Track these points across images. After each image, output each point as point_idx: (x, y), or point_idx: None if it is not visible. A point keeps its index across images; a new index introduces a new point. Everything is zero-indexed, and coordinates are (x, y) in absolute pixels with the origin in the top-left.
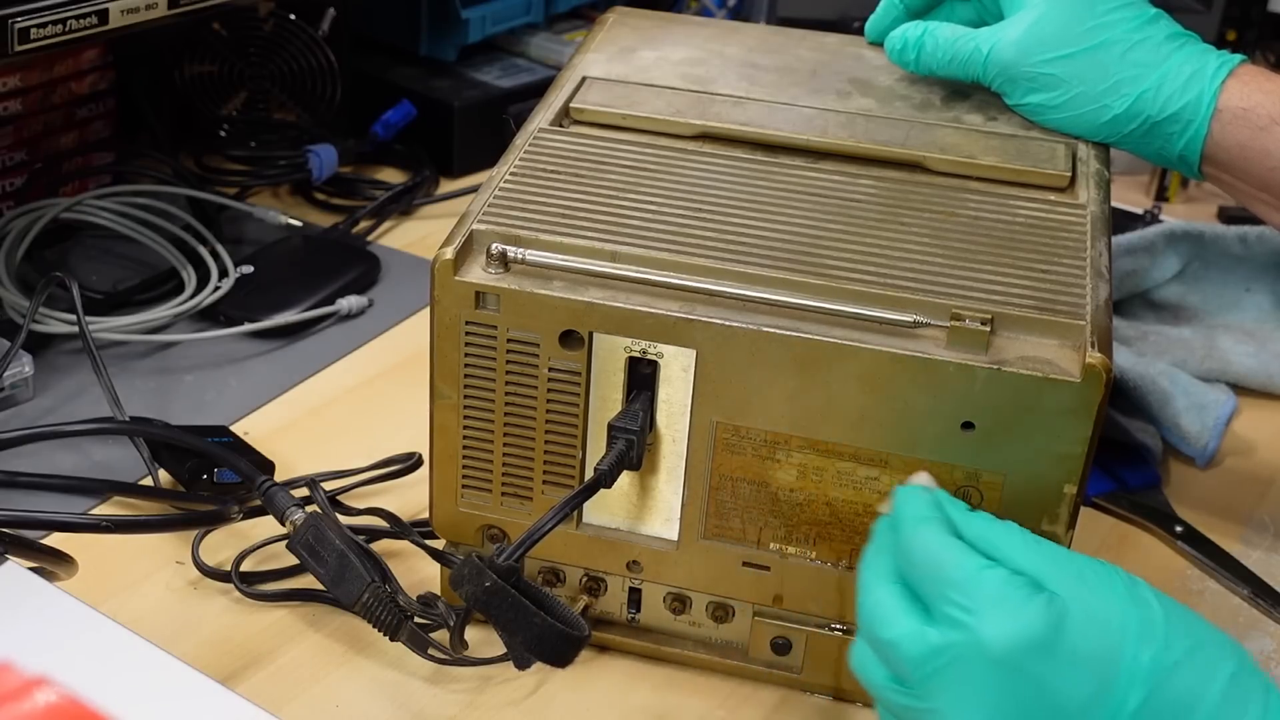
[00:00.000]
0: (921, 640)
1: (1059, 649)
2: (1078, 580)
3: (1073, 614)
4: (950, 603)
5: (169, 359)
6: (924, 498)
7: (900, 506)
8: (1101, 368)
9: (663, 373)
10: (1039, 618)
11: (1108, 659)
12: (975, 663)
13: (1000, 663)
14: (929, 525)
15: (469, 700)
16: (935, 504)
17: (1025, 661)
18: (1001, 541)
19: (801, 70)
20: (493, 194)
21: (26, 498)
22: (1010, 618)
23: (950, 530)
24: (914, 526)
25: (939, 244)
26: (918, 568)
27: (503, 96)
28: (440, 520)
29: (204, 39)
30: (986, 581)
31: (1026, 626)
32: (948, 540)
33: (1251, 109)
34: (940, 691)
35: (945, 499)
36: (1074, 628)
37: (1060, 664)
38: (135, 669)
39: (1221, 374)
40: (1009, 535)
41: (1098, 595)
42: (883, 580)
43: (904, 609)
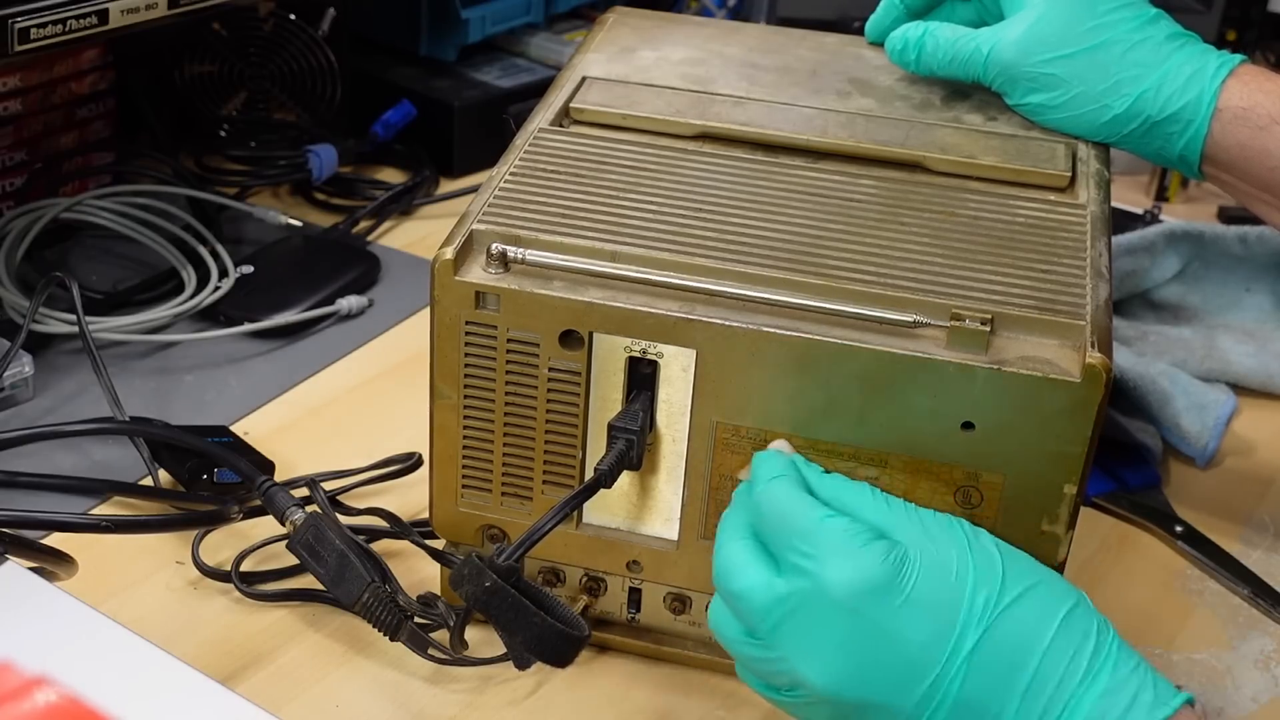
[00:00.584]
0: (769, 589)
1: (898, 593)
2: (920, 530)
3: (912, 560)
4: (795, 551)
5: (169, 359)
6: (779, 459)
7: (756, 468)
8: (1101, 368)
9: (663, 373)
10: (879, 562)
11: (946, 602)
12: (819, 608)
13: (842, 606)
14: (780, 482)
15: (469, 700)
16: (789, 464)
17: (866, 605)
18: (851, 498)
19: (801, 70)
20: (493, 194)
21: (26, 498)
22: (852, 563)
23: (802, 487)
24: (766, 483)
25: (939, 244)
26: (767, 520)
27: (503, 96)
28: (440, 520)
29: (204, 39)
30: (830, 530)
31: (867, 570)
32: (796, 494)
33: (1251, 109)
34: (787, 639)
35: (802, 462)
36: (913, 573)
37: (900, 607)
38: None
39: (1221, 374)
40: (859, 493)
41: (938, 543)
42: (735, 536)
43: (753, 561)
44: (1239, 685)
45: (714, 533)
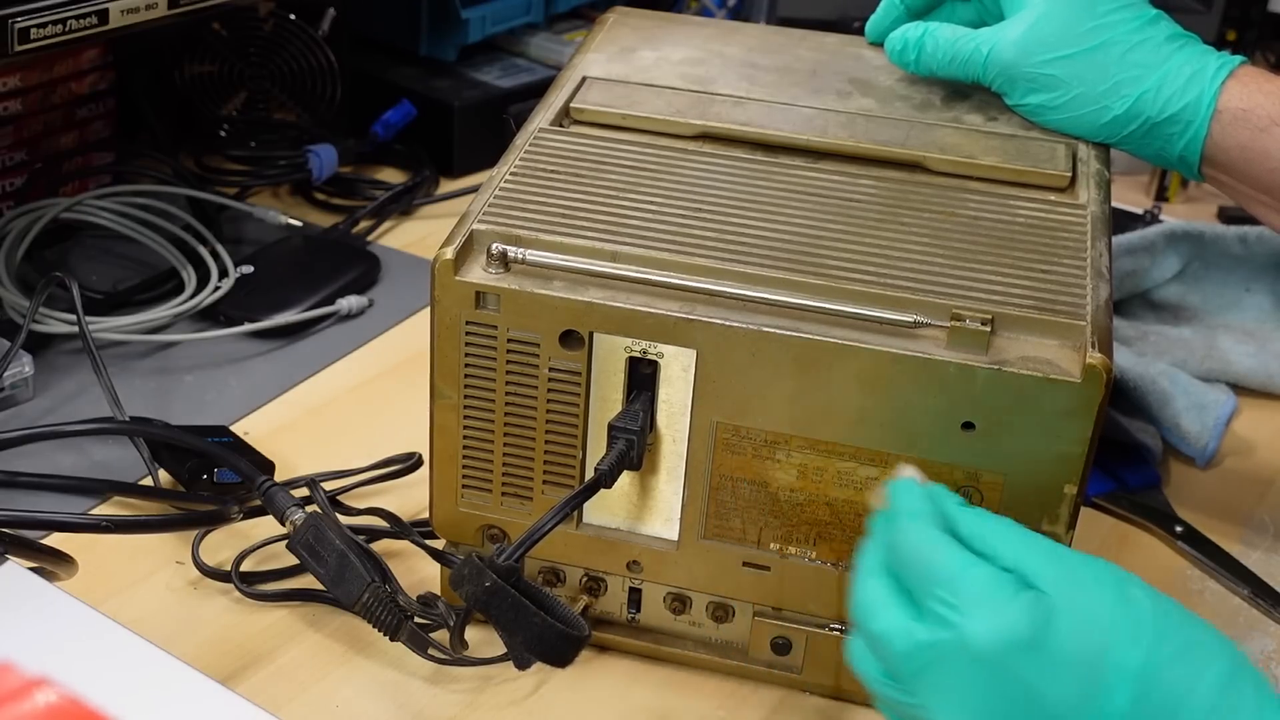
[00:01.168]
0: (909, 635)
1: (1044, 649)
2: (1068, 578)
3: (1059, 613)
4: (937, 599)
5: (169, 359)
6: (916, 491)
7: (894, 500)
8: (1101, 368)
9: (663, 373)
10: (1024, 617)
11: (1094, 659)
12: (960, 661)
13: (985, 661)
14: (919, 519)
15: (469, 700)
16: (928, 498)
17: (1010, 661)
18: (994, 537)
19: (801, 70)
20: (493, 194)
21: (26, 498)
22: (995, 616)
23: (942, 525)
24: (905, 521)
25: (939, 244)
26: (907, 563)
27: (503, 96)
28: (440, 520)
29: (204, 39)
30: (973, 579)
31: (1011, 625)
32: (936, 535)
33: (1251, 110)
34: (928, 688)
35: (941, 493)
36: (1060, 627)
37: (1046, 664)
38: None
39: (1221, 374)
40: (1002, 531)
41: (1087, 594)
42: (874, 573)
43: (893, 602)
44: None
45: (714, 533)
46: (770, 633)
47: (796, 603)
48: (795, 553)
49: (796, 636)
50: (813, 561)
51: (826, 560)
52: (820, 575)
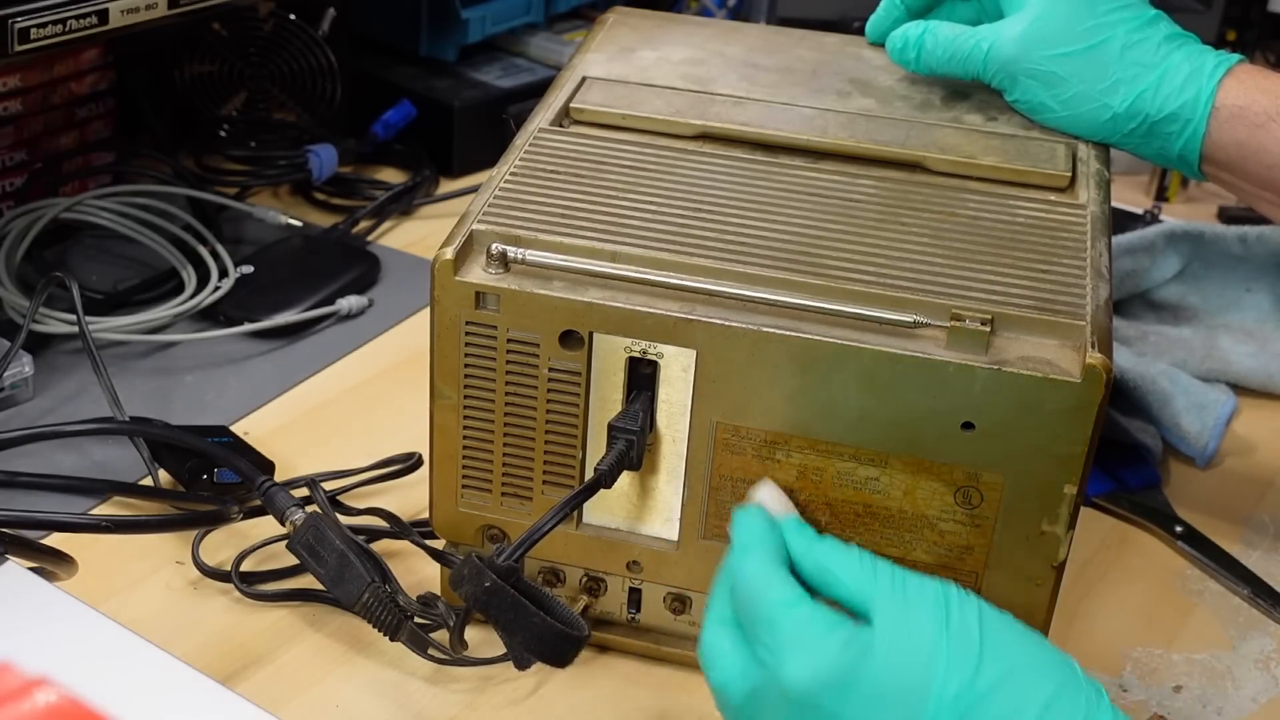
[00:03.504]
0: (741, 682)
1: (858, 686)
2: (900, 607)
3: (878, 647)
4: (759, 642)
5: (169, 359)
6: (755, 523)
7: (734, 532)
8: (1101, 368)
9: (663, 373)
10: (835, 654)
11: (913, 693)
12: (780, 705)
13: (799, 703)
14: (753, 555)
15: (469, 700)
16: (767, 529)
17: (824, 700)
18: (837, 568)
19: (801, 70)
20: (493, 194)
21: (26, 498)
22: (807, 655)
23: (779, 560)
24: (740, 557)
25: (939, 244)
26: (739, 601)
27: (503, 96)
28: (440, 520)
29: (204, 39)
30: (792, 618)
31: (822, 664)
32: (767, 572)
33: (1248, 107)
34: None
35: (790, 525)
36: (878, 662)
37: (860, 701)
38: (135, 669)
39: (1221, 374)
40: (844, 563)
41: (914, 623)
42: (716, 619)
43: (729, 650)
44: (1239, 685)
45: (714, 533)
46: None
47: None
48: None
49: None
50: None
51: None
52: None
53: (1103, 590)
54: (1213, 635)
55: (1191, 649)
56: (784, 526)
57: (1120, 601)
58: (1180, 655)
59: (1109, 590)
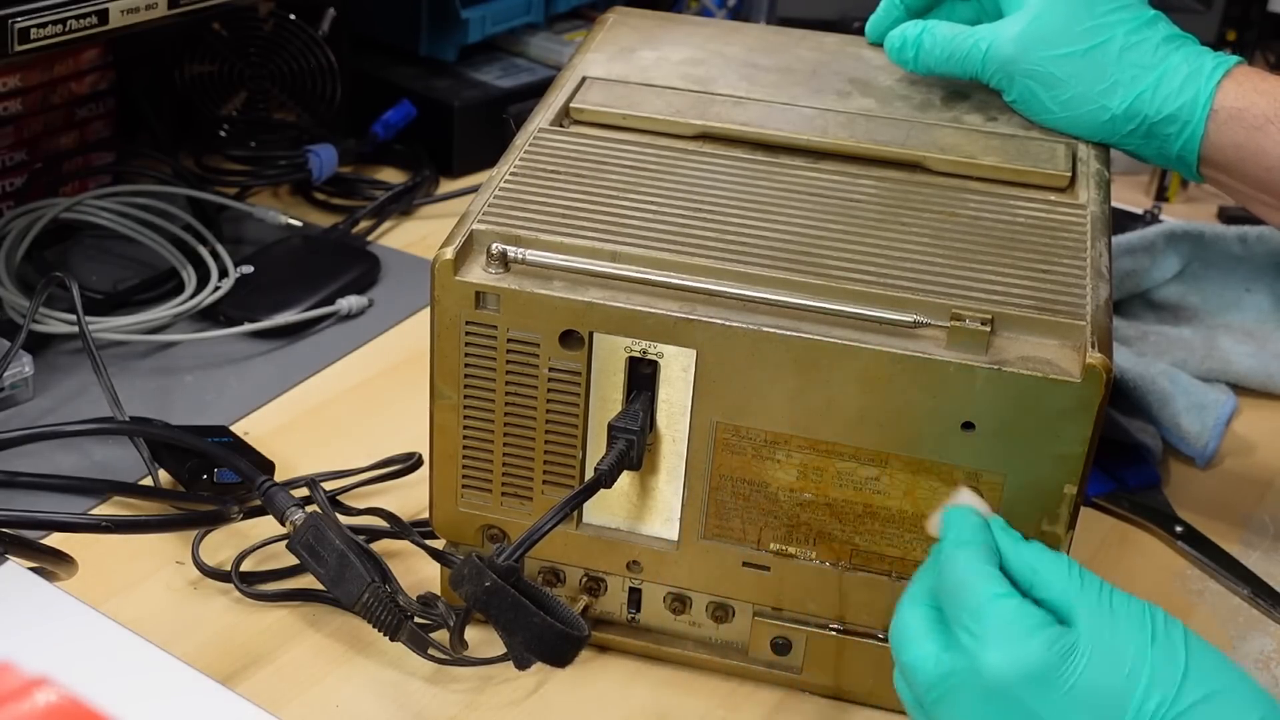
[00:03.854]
0: (935, 664)
1: (1058, 684)
2: (1105, 618)
3: (1083, 651)
4: (963, 628)
5: (169, 359)
6: (970, 521)
7: (946, 529)
8: (1101, 368)
9: (663, 373)
10: (1040, 650)
11: (1113, 700)
12: (975, 690)
13: (996, 692)
14: (966, 549)
15: (469, 700)
16: (981, 528)
17: (1024, 694)
18: (1045, 571)
19: (801, 70)
20: (493, 194)
21: (26, 498)
22: (1013, 647)
23: (991, 557)
24: (952, 549)
25: (939, 244)
26: (946, 590)
27: (503, 96)
28: (440, 520)
29: (204, 39)
30: (999, 610)
31: (1025, 657)
32: (979, 566)
33: (1246, 109)
34: (946, 717)
35: (999, 526)
36: (1081, 664)
37: (1058, 699)
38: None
39: (1221, 374)
40: (1054, 566)
41: (1120, 634)
42: (915, 602)
43: (926, 632)
44: None
45: (714, 533)
46: (770, 633)
47: (796, 603)
48: (795, 553)
49: (796, 636)
50: (813, 561)
51: (826, 560)
52: (820, 575)
53: None
54: (1213, 635)
55: None
56: (993, 524)
57: None
58: None
59: None
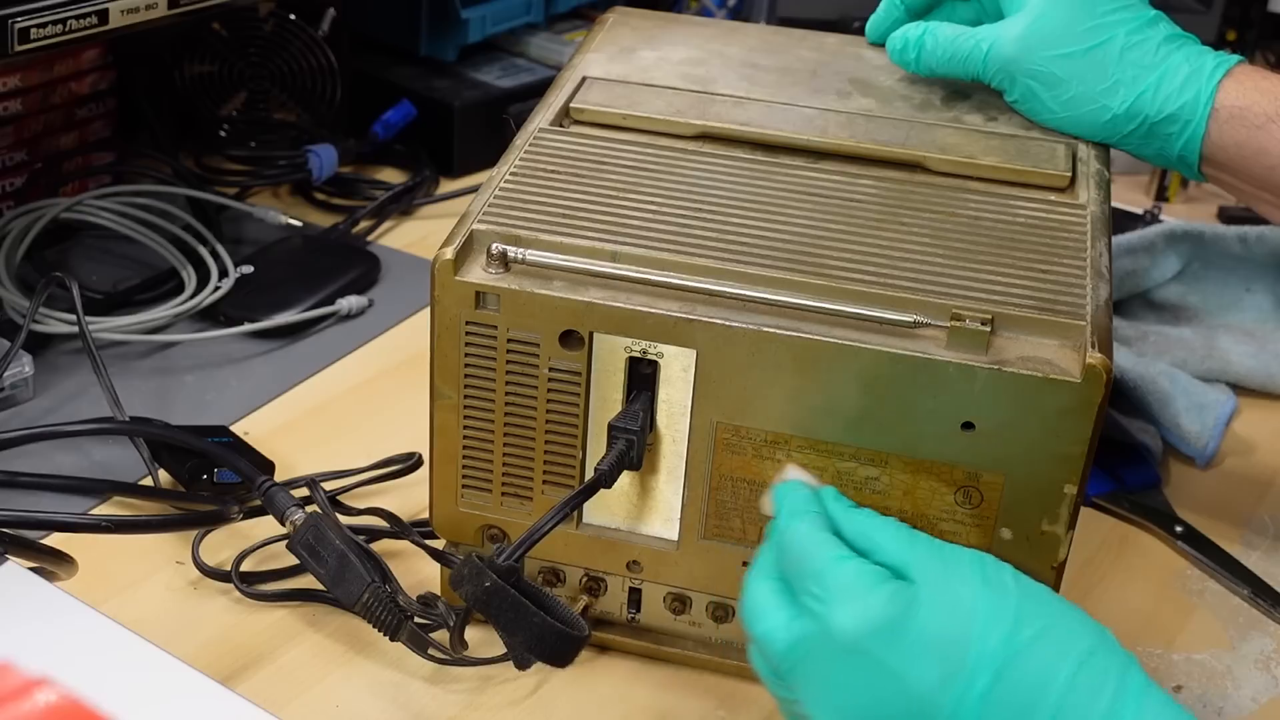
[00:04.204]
0: (786, 632)
1: (905, 634)
2: (940, 569)
3: (923, 600)
4: (808, 593)
5: (169, 359)
6: (801, 493)
7: (779, 501)
8: (1101, 368)
9: (663, 373)
10: (884, 604)
11: (955, 643)
12: (827, 651)
13: (849, 649)
14: (802, 518)
15: (469, 700)
16: (813, 499)
17: (872, 647)
18: (877, 534)
19: (801, 70)
20: (493, 194)
21: (26, 498)
22: (858, 604)
23: (826, 525)
24: (788, 520)
25: (939, 244)
26: (788, 560)
27: (503, 96)
28: (440, 520)
29: (204, 39)
30: (841, 571)
31: (871, 612)
32: (816, 533)
33: (1248, 108)
34: (802, 682)
35: (830, 495)
36: (923, 613)
37: (907, 649)
38: (135, 669)
39: (1221, 374)
40: (884, 529)
41: (954, 582)
42: (760, 576)
43: (774, 604)
44: (1239, 685)
45: (714, 533)
46: None
47: None
48: None
49: None
50: None
51: None
52: None
53: (1103, 590)
54: (1213, 635)
55: (1191, 649)
56: (824, 495)
57: (1120, 601)
58: (1180, 655)
59: (1109, 590)
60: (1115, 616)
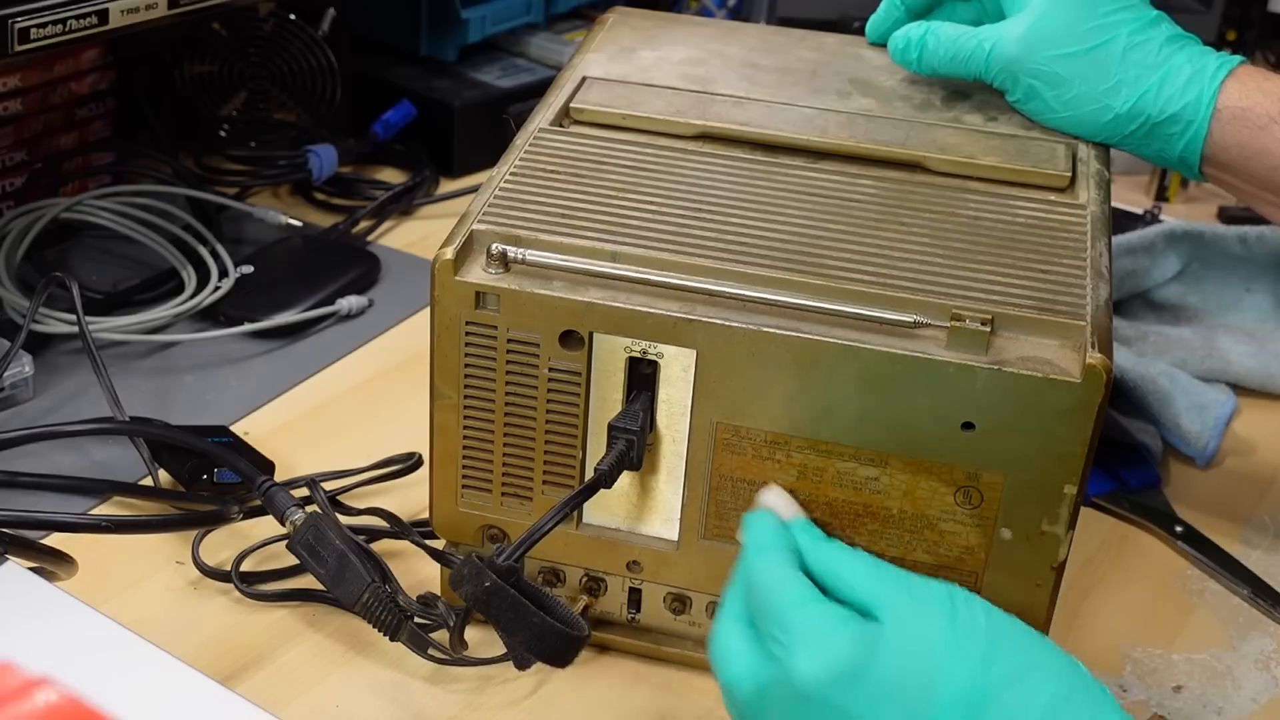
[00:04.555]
0: (751, 680)
1: (868, 679)
2: (907, 606)
3: (887, 643)
4: (771, 637)
5: (169, 359)
6: (768, 525)
7: (746, 533)
8: (1101, 368)
9: (663, 373)
10: (846, 649)
11: (922, 687)
12: (789, 698)
13: (810, 697)
14: (766, 555)
15: (469, 700)
16: (779, 532)
17: (833, 695)
18: (844, 571)
19: (801, 70)
20: (493, 194)
21: (26, 498)
22: (818, 651)
23: (792, 560)
24: (753, 557)
25: (939, 244)
26: (754, 600)
27: (503, 96)
28: (440, 520)
29: (204, 39)
30: (804, 615)
31: (833, 659)
32: (781, 572)
33: (1250, 108)
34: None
35: (799, 527)
36: (887, 657)
37: (871, 695)
38: (135, 669)
39: (1221, 374)
40: (852, 565)
41: (920, 621)
42: (728, 619)
43: (740, 649)
44: (1239, 685)
45: (714, 533)
46: None
47: None
48: None
49: None
50: None
51: None
52: None
53: (1103, 590)
54: (1213, 635)
55: (1191, 649)
56: (793, 527)
57: (1120, 601)
58: (1180, 655)
59: (1109, 590)
60: (1115, 616)
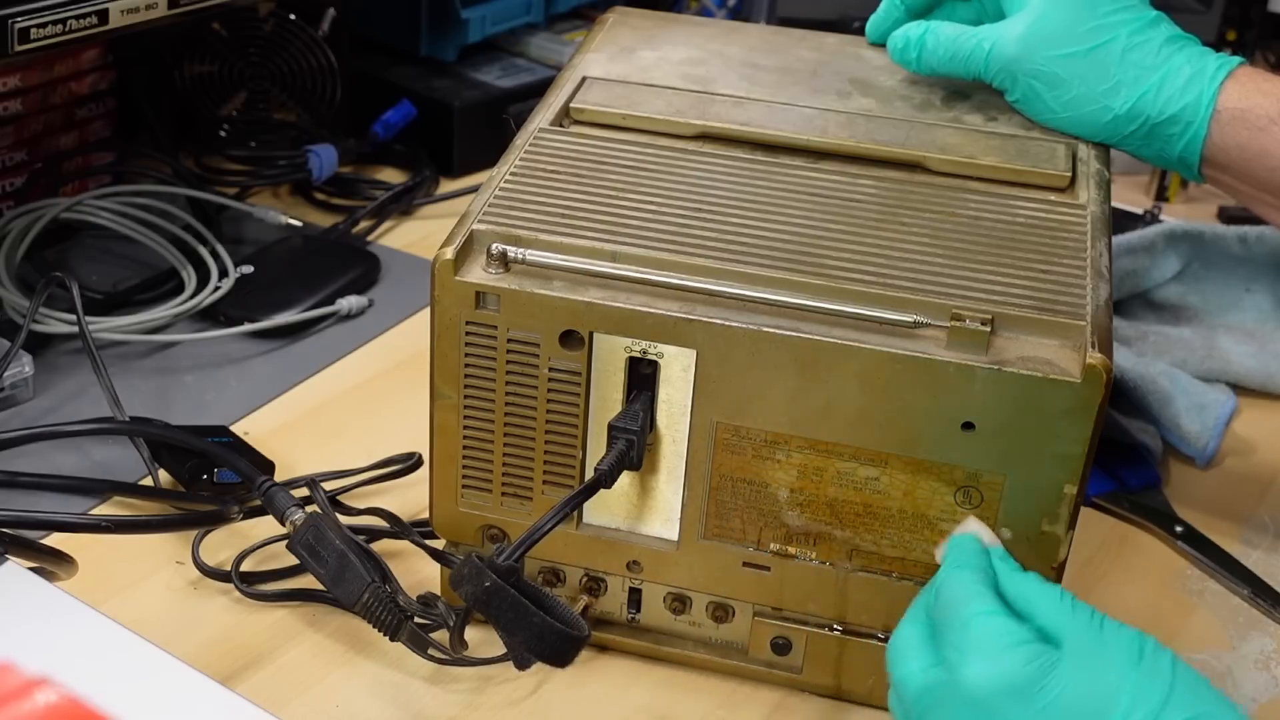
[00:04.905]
0: (921, 678)
1: (1037, 699)
2: (1093, 641)
3: (1065, 669)
4: (949, 643)
5: (169, 359)
6: (970, 546)
7: (948, 551)
8: (1101, 368)
9: (663, 373)
10: (1019, 664)
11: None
12: (955, 702)
13: (976, 704)
14: (963, 571)
15: (469, 700)
16: (981, 555)
17: (1000, 705)
18: (1037, 599)
19: (801, 70)
20: (493, 194)
21: (26, 498)
22: (992, 662)
23: (986, 580)
24: (950, 570)
25: (939, 244)
26: (941, 608)
27: (503, 96)
28: (440, 520)
29: (204, 39)
30: (984, 626)
31: (1004, 671)
32: (972, 586)
33: (1250, 109)
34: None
35: (998, 555)
36: (1062, 682)
37: (1035, 714)
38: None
39: (1221, 374)
40: (1046, 595)
41: (1105, 657)
42: (911, 620)
43: (917, 648)
44: (1239, 685)
45: (714, 533)
46: (770, 633)
47: (796, 603)
48: (795, 553)
49: (796, 636)
50: (813, 561)
51: (826, 560)
52: (820, 575)
53: (1103, 590)
54: (1213, 635)
55: (1191, 649)
56: (992, 553)
57: (1120, 601)
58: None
59: (1109, 590)
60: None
